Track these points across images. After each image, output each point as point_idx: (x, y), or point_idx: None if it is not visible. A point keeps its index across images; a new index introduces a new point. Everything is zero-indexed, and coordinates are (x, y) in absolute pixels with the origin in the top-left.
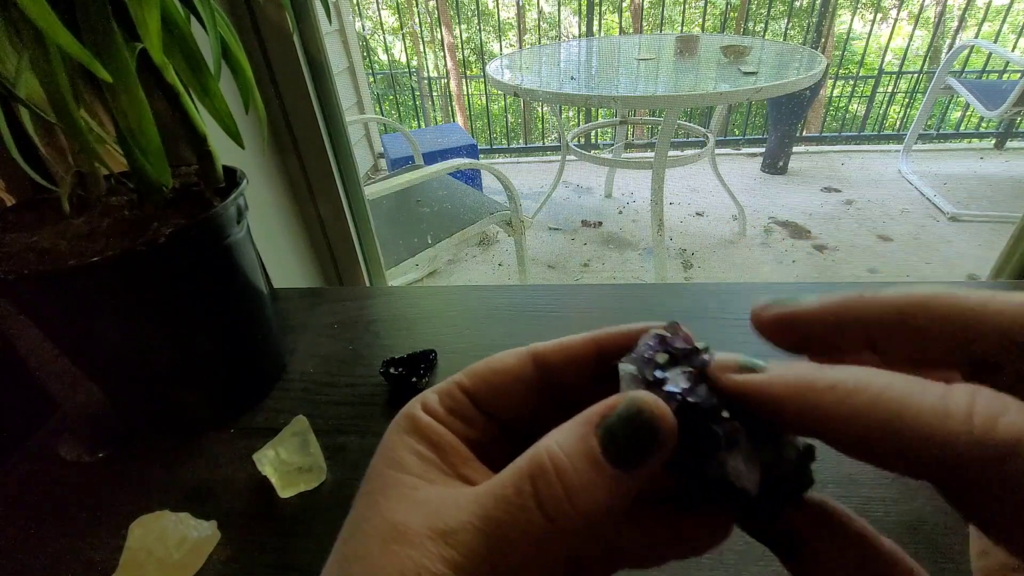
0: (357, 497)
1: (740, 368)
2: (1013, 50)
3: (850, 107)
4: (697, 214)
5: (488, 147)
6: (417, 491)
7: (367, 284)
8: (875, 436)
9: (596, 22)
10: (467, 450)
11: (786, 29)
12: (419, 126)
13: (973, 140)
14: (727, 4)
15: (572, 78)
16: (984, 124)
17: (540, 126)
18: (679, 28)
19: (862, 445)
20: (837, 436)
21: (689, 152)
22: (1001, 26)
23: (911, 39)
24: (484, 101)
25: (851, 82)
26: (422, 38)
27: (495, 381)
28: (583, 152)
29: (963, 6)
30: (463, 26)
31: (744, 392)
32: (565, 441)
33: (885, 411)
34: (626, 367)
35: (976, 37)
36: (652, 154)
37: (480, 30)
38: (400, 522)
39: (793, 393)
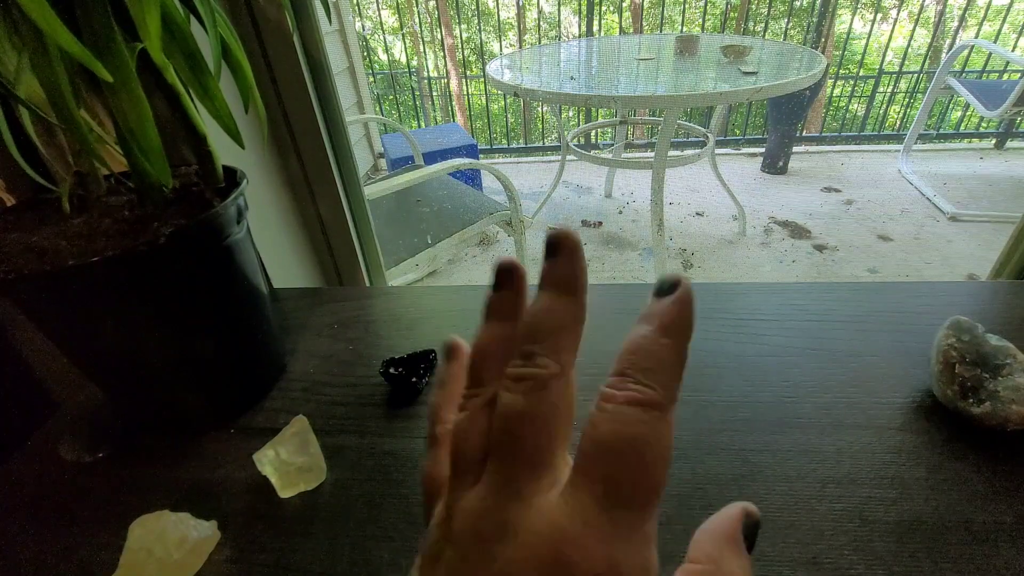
0: None
1: None
2: (1013, 50)
3: (850, 107)
4: (697, 214)
5: (488, 147)
6: None
7: (367, 284)
8: None
9: (596, 22)
10: None
11: (786, 29)
12: (419, 126)
13: (973, 140)
14: (727, 4)
15: (572, 78)
16: (984, 124)
17: (540, 126)
18: (679, 28)
19: None
20: None
21: (689, 152)
22: (1001, 26)
23: (911, 39)
24: (484, 101)
25: (851, 82)
26: (422, 38)
27: None
28: (583, 152)
29: (963, 6)
30: (463, 26)
31: None
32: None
33: None
34: None
35: (976, 37)
36: (652, 154)
37: (480, 30)
38: None
39: None
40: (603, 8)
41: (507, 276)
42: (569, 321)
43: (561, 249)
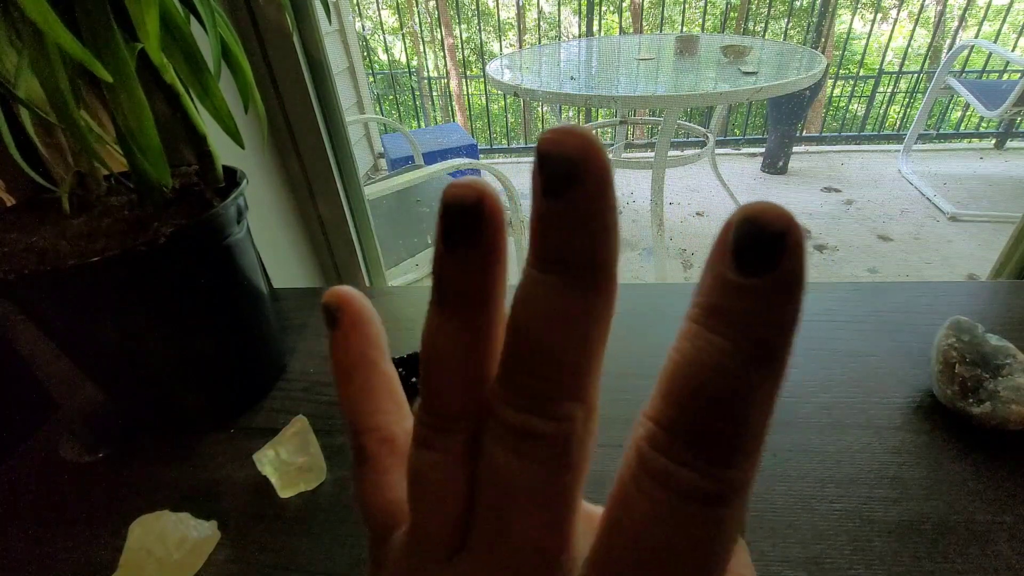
0: None
1: None
2: (1013, 50)
3: (850, 107)
4: (697, 214)
5: (488, 147)
6: None
7: (367, 284)
8: None
9: (596, 22)
10: None
11: (786, 29)
12: (419, 126)
13: (973, 140)
14: (727, 4)
15: (572, 78)
16: (984, 124)
17: (540, 126)
18: (679, 28)
19: None
20: None
21: (689, 152)
22: (1001, 26)
23: (911, 39)
24: (484, 101)
25: (851, 82)
26: (422, 38)
27: None
28: None
29: (963, 6)
30: (463, 26)
31: None
32: None
33: None
34: None
35: (976, 37)
36: (652, 154)
37: (480, 30)
38: None
39: None
40: (603, 8)
41: (469, 219)
42: (598, 331)
43: (582, 177)
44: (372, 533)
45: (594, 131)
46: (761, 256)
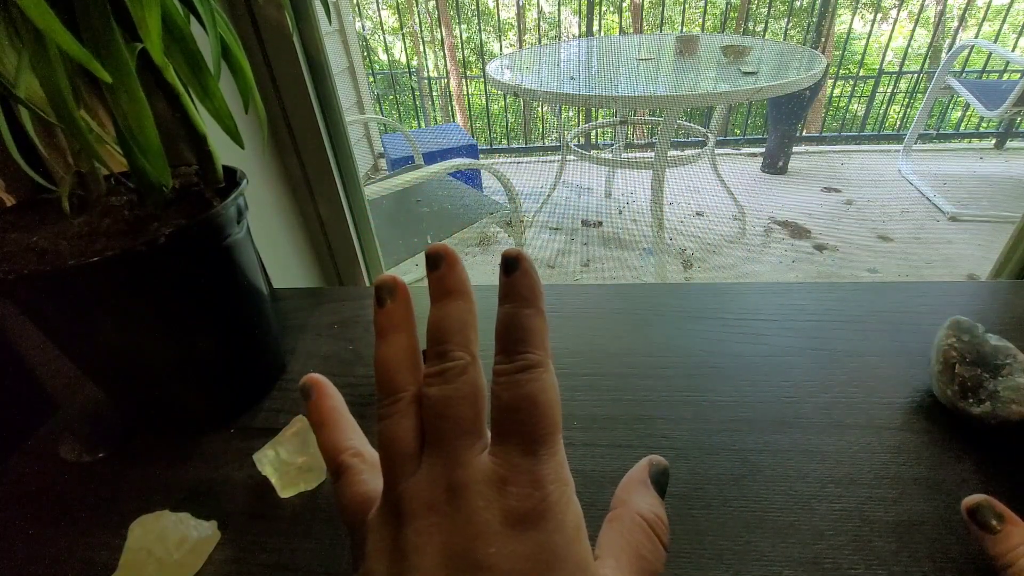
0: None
1: None
2: (1013, 50)
3: (850, 107)
4: (697, 214)
5: (488, 147)
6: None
7: (367, 284)
8: None
9: (596, 22)
10: None
11: (786, 29)
12: (419, 126)
13: (973, 140)
14: (727, 4)
15: (572, 78)
16: (984, 124)
17: (540, 126)
18: (679, 28)
19: None
20: None
21: (689, 152)
22: (1001, 26)
23: (911, 39)
24: (484, 101)
25: (851, 82)
26: (422, 38)
27: None
28: (583, 152)
29: (963, 6)
30: (463, 26)
31: None
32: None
33: None
34: None
35: (976, 37)
36: (652, 154)
37: (480, 30)
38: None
39: None
40: (603, 8)
41: (390, 291)
42: (470, 317)
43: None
44: (350, 520)
45: (594, 131)
46: (512, 267)
